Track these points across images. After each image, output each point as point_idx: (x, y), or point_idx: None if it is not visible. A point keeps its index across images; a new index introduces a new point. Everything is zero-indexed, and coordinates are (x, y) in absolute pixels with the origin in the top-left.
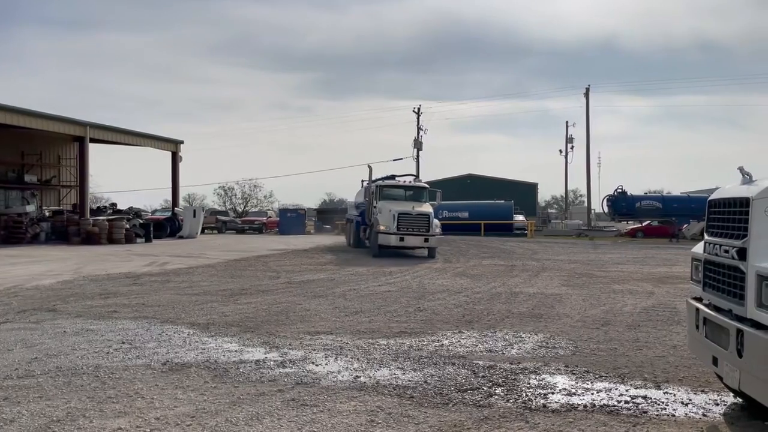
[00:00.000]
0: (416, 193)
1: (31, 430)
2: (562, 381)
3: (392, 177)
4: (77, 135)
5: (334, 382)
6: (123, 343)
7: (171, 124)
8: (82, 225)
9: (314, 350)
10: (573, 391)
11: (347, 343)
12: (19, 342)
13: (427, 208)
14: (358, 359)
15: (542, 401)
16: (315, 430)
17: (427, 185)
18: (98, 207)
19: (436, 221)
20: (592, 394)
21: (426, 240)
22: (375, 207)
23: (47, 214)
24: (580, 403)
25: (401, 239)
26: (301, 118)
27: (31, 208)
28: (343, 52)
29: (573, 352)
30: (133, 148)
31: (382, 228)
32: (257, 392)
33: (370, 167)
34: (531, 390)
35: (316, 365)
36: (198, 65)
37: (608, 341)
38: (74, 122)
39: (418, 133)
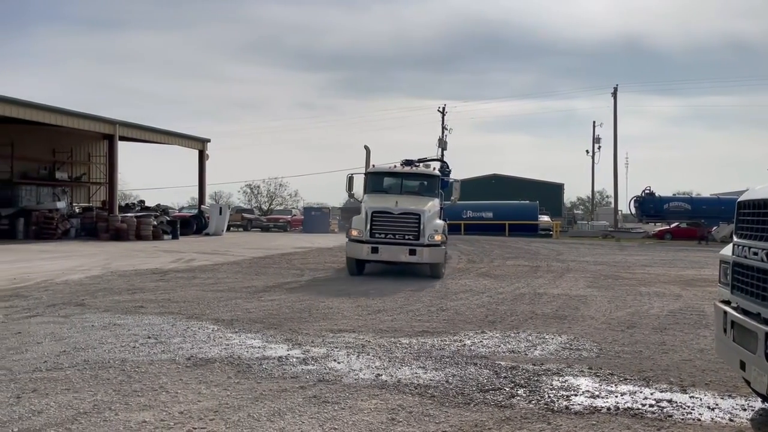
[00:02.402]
0: (420, 183)
1: (59, 422)
2: (585, 383)
3: (409, 162)
4: (107, 133)
5: (355, 379)
6: (149, 337)
7: (197, 123)
8: (111, 221)
9: (336, 348)
10: (597, 393)
11: (369, 341)
12: (49, 335)
13: (426, 203)
14: (379, 357)
15: (565, 403)
16: (336, 427)
17: (437, 173)
18: (127, 204)
19: (438, 224)
20: (616, 396)
21: (413, 252)
22: (362, 203)
23: (77, 210)
24: (603, 405)
25: (374, 250)
26: (325, 117)
27: (61, 205)
28: (367, 52)
29: (597, 354)
30: (160, 146)
31: (353, 233)
32: (279, 388)
33: (367, 148)
34: (554, 391)
35: (338, 363)
36: (224, 65)
37: (633, 344)
38: (104, 120)
39: (443, 132)
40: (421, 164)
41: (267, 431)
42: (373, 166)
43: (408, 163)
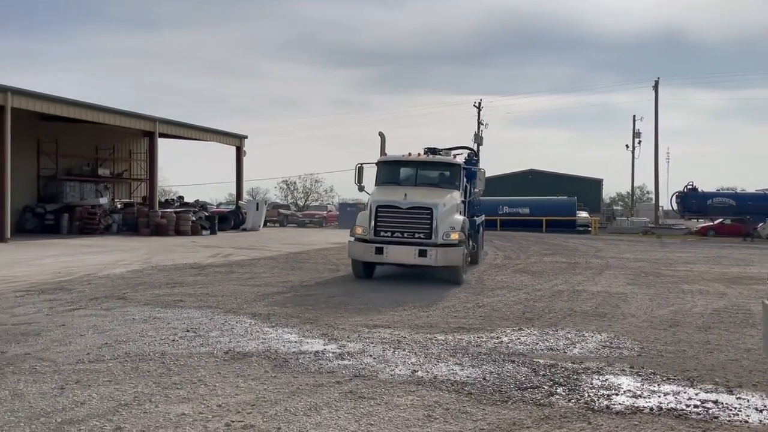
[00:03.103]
0: (440, 173)
1: (101, 413)
2: (626, 382)
3: (434, 150)
4: (147, 130)
5: (391, 375)
6: (188, 331)
7: (234, 120)
8: (151, 217)
9: (372, 343)
10: (638, 393)
11: (405, 337)
12: (91, 328)
13: (442, 196)
14: (415, 354)
15: (606, 402)
16: (372, 423)
17: (459, 161)
18: (166, 200)
19: (456, 220)
20: (659, 396)
21: (423, 254)
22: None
23: (119, 206)
24: (646, 405)
25: (378, 251)
26: (360, 113)
27: (104, 201)
28: (401, 48)
29: (639, 353)
30: (199, 143)
31: (357, 231)
32: (316, 383)
33: (381, 135)
34: (594, 390)
35: (374, 358)
36: (260, 62)
37: (676, 343)
38: (144, 117)
39: (479, 127)
40: (442, 152)
41: (304, 426)
42: (385, 154)
43: (431, 151)
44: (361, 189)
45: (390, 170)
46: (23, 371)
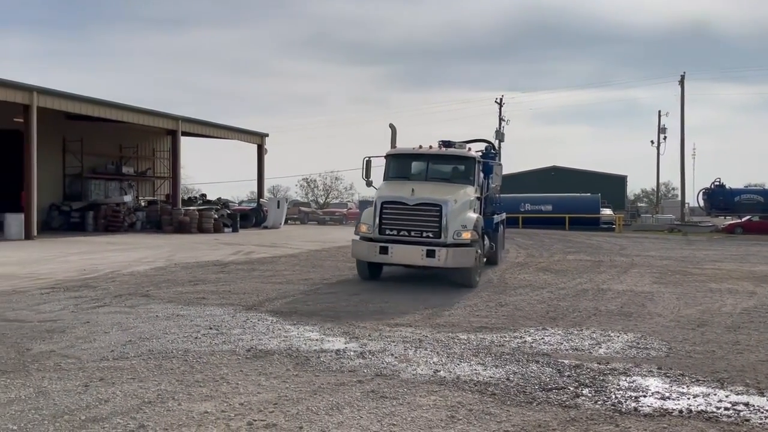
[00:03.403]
0: (454, 167)
1: (124, 411)
2: (654, 383)
3: (448, 143)
4: (170, 128)
5: (413, 375)
6: (210, 328)
7: (255, 118)
8: (174, 215)
9: (393, 342)
10: (667, 394)
11: (426, 336)
12: (115, 325)
13: (453, 192)
14: (437, 353)
15: (633, 404)
16: (395, 423)
17: (474, 155)
18: (189, 197)
19: (469, 218)
20: (688, 398)
21: (430, 254)
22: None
23: (143, 204)
24: (675, 408)
25: (383, 250)
26: (380, 110)
27: (128, 198)
28: (422, 44)
29: (666, 353)
30: (221, 141)
31: (362, 229)
32: (337, 382)
33: (392, 127)
34: (621, 392)
35: (395, 357)
36: (279, 60)
37: (705, 343)
38: (167, 116)
39: (500, 123)
40: (457, 145)
41: (326, 425)
42: (393, 147)
43: (446, 145)
44: (368, 184)
45: (399, 164)
46: (48, 368)
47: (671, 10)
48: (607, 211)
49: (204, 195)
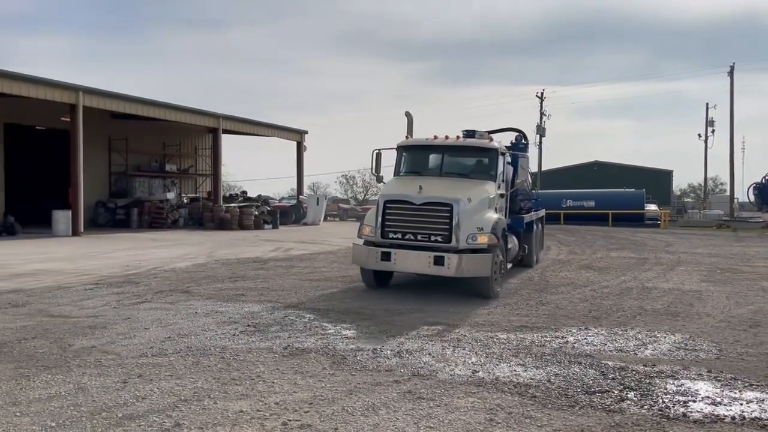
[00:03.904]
0: (472, 159)
1: (161, 408)
2: (704, 388)
3: (471, 132)
4: (211, 126)
5: (451, 375)
6: (248, 325)
7: (295, 115)
8: (216, 212)
9: (431, 341)
10: (718, 399)
11: (465, 335)
12: (155, 321)
13: (468, 189)
14: (476, 353)
15: (682, 410)
16: (431, 425)
17: (495, 145)
18: (230, 194)
19: (487, 219)
20: (741, 404)
21: (439, 261)
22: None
23: (185, 201)
24: (726, 414)
25: (385, 256)
26: (420, 107)
27: (171, 196)
28: (461, 40)
29: (717, 355)
30: (261, 138)
31: (365, 231)
32: (374, 382)
33: (408, 116)
34: (669, 396)
35: (433, 357)
36: (319, 58)
37: (758, 345)
38: (209, 114)
39: (541, 118)
40: (478, 135)
41: (361, 426)
42: (407, 138)
43: (469, 135)
44: (379, 180)
45: (412, 157)
46: (88, 364)
47: (719, 0)
48: (652, 207)
49: (245, 192)
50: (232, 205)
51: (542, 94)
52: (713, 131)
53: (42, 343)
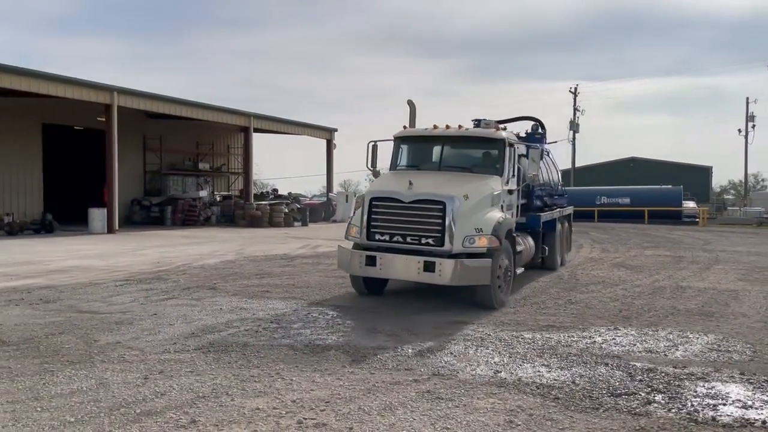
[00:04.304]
0: (476, 152)
1: (178, 405)
2: (736, 391)
3: (479, 122)
4: (243, 125)
5: (472, 375)
6: (271, 322)
7: (324, 114)
8: (247, 209)
9: (453, 340)
10: (749, 403)
11: (489, 334)
12: (180, 317)
13: (466, 185)
14: (499, 353)
15: (711, 413)
16: (448, 426)
17: (502, 135)
18: (261, 192)
19: (488, 218)
20: None
21: (429, 267)
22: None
23: (218, 198)
24: (757, 418)
25: (370, 260)
26: (451, 103)
27: (204, 194)
28: (494, 36)
29: (751, 357)
30: (291, 137)
31: (352, 232)
32: (392, 381)
33: (411, 104)
34: (698, 399)
35: (455, 356)
36: (350, 57)
37: None
38: (240, 113)
39: (575, 114)
40: (483, 123)
41: (376, 426)
42: (405, 128)
43: (476, 124)
44: (376, 175)
45: (409, 150)
46: (112, 360)
47: None
48: (690, 204)
49: (275, 190)
50: (263, 202)
51: (576, 89)
52: (753, 126)
53: (69, 338)
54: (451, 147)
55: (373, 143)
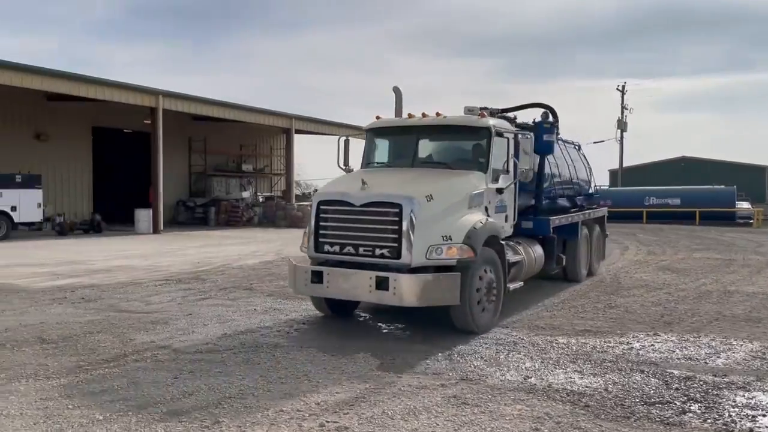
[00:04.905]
0: (458, 143)
1: (204, 405)
2: None
3: (483, 110)
4: (284, 127)
5: (501, 380)
6: (303, 323)
7: (368, 114)
8: (288, 210)
9: (485, 344)
10: None
11: (522, 338)
12: (215, 318)
13: (433, 184)
14: (531, 358)
15: (749, 424)
16: None
17: (486, 123)
18: (303, 193)
19: (461, 223)
20: None
21: (382, 284)
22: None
23: (261, 199)
24: None
25: (316, 276)
26: (495, 103)
27: (246, 195)
28: (536, 34)
29: None
30: (332, 138)
31: (305, 242)
32: (419, 384)
33: (396, 91)
34: (736, 410)
35: (485, 361)
36: (392, 57)
37: None
38: (282, 115)
39: (622, 112)
40: (465, 110)
41: (399, 431)
42: (377, 118)
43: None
44: (347, 173)
45: (382, 144)
46: (145, 359)
47: None
48: (744, 205)
49: (317, 191)
50: (304, 203)
51: (623, 87)
52: None
53: (105, 337)
54: (428, 139)
55: (345, 138)
